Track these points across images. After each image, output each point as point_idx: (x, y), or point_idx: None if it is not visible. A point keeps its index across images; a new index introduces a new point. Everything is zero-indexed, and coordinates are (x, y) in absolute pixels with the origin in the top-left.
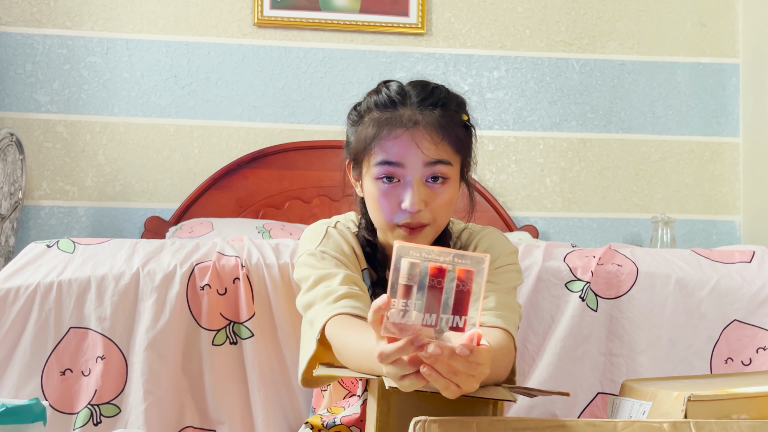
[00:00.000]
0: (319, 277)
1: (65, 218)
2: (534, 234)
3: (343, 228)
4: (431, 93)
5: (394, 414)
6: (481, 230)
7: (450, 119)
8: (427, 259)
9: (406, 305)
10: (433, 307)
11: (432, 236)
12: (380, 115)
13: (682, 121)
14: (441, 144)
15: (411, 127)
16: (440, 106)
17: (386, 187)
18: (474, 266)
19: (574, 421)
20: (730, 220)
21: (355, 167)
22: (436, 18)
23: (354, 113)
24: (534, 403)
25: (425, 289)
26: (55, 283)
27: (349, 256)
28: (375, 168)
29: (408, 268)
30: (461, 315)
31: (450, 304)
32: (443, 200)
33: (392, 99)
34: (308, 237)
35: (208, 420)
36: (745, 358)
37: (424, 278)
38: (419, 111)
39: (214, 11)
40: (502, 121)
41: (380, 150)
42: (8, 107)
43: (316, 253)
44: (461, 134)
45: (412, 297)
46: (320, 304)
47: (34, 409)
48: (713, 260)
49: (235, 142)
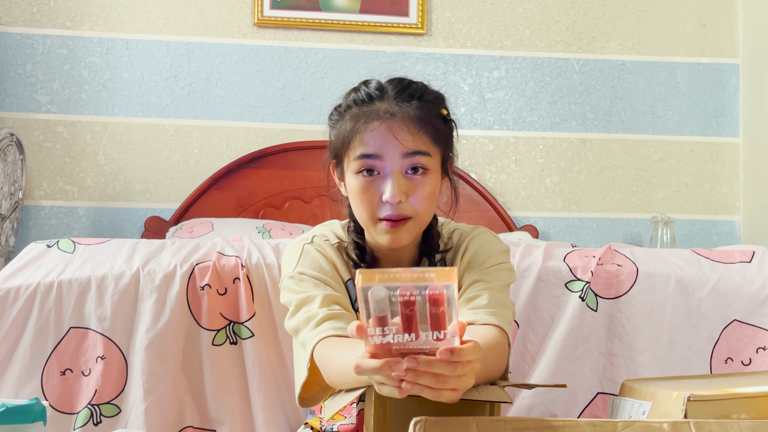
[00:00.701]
0: (299, 301)
1: (65, 218)
2: (534, 234)
3: (320, 242)
4: (408, 86)
5: (391, 418)
6: (472, 231)
7: (427, 111)
8: (395, 284)
9: (383, 331)
10: (410, 328)
11: (416, 231)
12: (358, 110)
13: (682, 121)
14: (418, 134)
15: (387, 118)
16: (417, 98)
17: (366, 180)
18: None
19: (574, 421)
20: (730, 220)
21: (337, 166)
22: (436, 18)
23: (335, 113)
24: (534, 403)
25: (398, 315)
26: (55, 283)
27: (328, 272)
28: (354, 162)
29: (376, 301)
30: (440, 329)
31: (426, 324)
32: (424, 192)
33: (370, 94)
34: (287, 258)
35: (208, 420)
36: (745, 358)
37: (395, 306)
38: (396, 103)
39: (214, 11)
40: (502, 121)
41: (358, 143)
42: (8, 107)
43: (295, 275)
44: (439, 126)
45: (387, 324)
46: (304, 330)
47: (34, 409)
48: (713, 260)
49: (235, 142)
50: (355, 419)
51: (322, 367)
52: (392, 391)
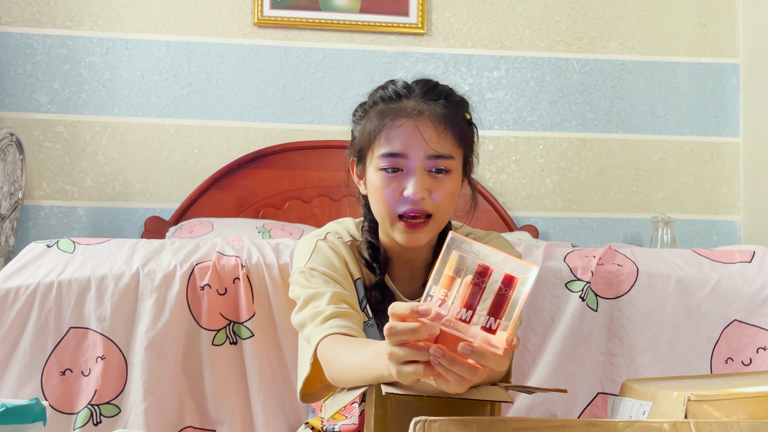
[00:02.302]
0: (308, 296)
1: (65, 218)
2: (534, 234)
3: (333, 239)
4: (435, 86)
5: (391, 420)
6: (486, 236)
7: (453, 112)
8: (477, 255)
9: (446, 295)
10: (470, 303)
11: (434, 231)
12: (385, 107)
13: (682, 121)
14: (444, 134)
15: (415, 116)
16: (444, 98)
17: (389, 176)
18: (520, 274)
19: (574, 421)
20: (730, 220)
21: (359, 163)
22: (436, 18)
23: (360, 110)
24: (534, 403)
25: (468, 285)
26: (55, 283)
27: (339, 269)
28: (378, 159)
29: (457, 261)
30: (496, 317)
31: (488, 304)
32: (446, 190)
33: (398, 92)
34: (299, 252)
35: (208, 420)
36: (745, 358)
37: (469, 273)
38: (423, 102)
39: (214, 11)
40: (502, 121)
41: (384, 140)
42: (8, 107)
43: (305, 270)
44: (464, 128)
45: (453, 289)
46: (310, 326)
47: (34, 409)
48: (713, 260)
49: (235, 142)
50: (356, 419)
51: (324, 364)
52: (416, 371)
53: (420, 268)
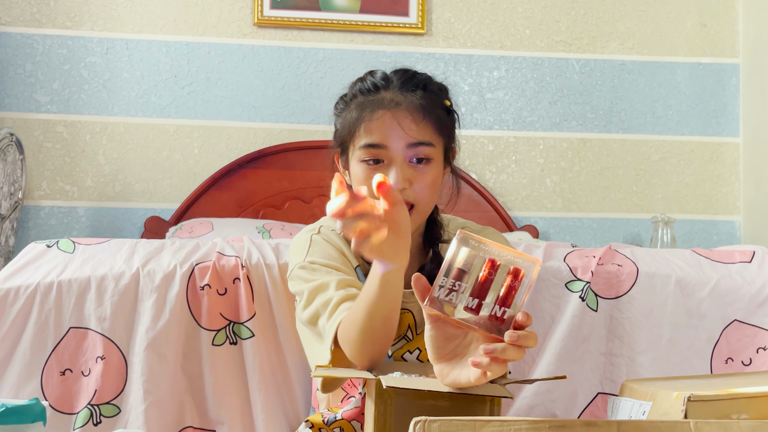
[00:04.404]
0: (313, 289)
1: (65, 218)
2: (534, 234)
3: (327, 231)
4: (413, 77)
5: (392, 414)
6: (481, 230)
7: (431, 101)
8: (486, 252)
9: (455, 285)
10: (479, 293)
11: (419, 221)
12: (364, 99)
13: (682, 121)
14: (422, 123)
15: (393, 107)
16: (421, 88)
17: (371, 168)
18: (525, 267)
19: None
20: (730, 220)
21: (342, 155)
22: (436, 18)
23: (340, 102)
24: (534, 403)
25: (477, 277)
26: (55, 283)
27: (338, 259)
28: (359, 151)
29: (466, 256)
30: (503, 307)
31: (495, 295)
32: (427, 180)
33: (375, 84)
34: (295, 249)
35: (208, 420)
36: (745, 358)
37: (477, 267)
38: (401, 93)
39: (214, 11)
40: (502, 121)
41: (364, 132)
42: (8, 107)
43: (306, 265)
44: (443, 116)
45: (463, 280)
46: (324, 316)
47: (34, 409)
48: (713, 260)
49: (235, 142)
50: (359, 402)
51: (342, 343)
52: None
53: (412, 255)
